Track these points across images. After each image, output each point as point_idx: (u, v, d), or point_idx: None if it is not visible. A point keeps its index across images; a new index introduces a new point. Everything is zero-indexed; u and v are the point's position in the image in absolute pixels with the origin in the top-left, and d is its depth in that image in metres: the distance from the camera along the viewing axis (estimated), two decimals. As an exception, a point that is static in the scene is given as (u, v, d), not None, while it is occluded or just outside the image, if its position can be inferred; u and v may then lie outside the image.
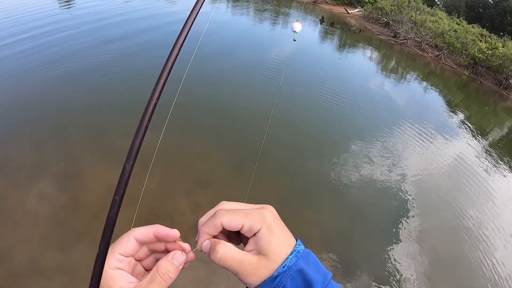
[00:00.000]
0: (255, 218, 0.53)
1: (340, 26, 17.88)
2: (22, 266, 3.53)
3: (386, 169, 6.44)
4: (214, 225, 0.54)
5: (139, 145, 0.39)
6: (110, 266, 0.51)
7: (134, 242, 0.54)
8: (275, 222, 0.54)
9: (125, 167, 0.38)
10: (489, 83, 15.12)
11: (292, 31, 1.66)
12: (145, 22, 11.42)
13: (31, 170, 4.69)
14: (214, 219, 0.54)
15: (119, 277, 0.51)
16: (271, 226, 0.53)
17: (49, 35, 8.90)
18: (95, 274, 0.42)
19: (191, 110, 6.61)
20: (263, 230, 0.52)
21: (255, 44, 11.99)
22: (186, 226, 4.25)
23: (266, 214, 0.54)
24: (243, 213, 0.54)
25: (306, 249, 0.56)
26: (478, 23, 22.04)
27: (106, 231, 0.40)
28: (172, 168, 5.25)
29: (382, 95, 10.30)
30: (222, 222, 0.53)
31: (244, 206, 0.58)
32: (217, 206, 0.58)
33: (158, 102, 0.40)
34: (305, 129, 7.20)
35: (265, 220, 0.53)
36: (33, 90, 6.42)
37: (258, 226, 0.53)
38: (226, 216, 0.54)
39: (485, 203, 6.47)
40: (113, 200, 0.39)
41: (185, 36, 0.41)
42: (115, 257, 0.52)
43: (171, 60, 0.40)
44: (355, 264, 4.49)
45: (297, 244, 0.55)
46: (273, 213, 0.56)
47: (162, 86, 0.39)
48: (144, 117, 0.39)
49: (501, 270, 4.97)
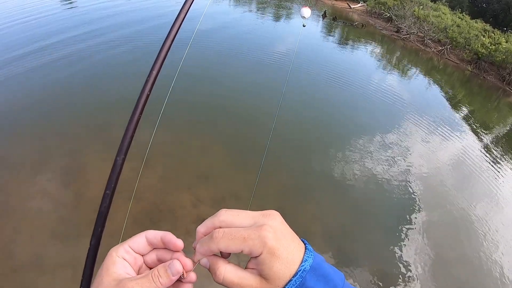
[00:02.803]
0: (254, 243, 0.49)
1: (343, 21, 17.76)
2: (25, 261, 3.55)
3: (389, 164, 6.42)
4: (210, 250, 0.52)
5: (131, 138, 0.38)
6: (117, 253, 0.52)
7: (145, 240, 0.54)
8: (278, 242, 0.50)
9: (116, 161, 0.37)
10: (492, 79, 15.00)
11: (301, 16, 1.62)
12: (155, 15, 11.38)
13: (33, 165, 4.71)
14: (211, 244, 0.51)
15: (120, 264, 0.51)
16: (273, 250, 0.49)
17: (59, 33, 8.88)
18: (86, 268, 0.41)
19: (192, 103, 6.61)
20: (264, 255, 0.49)
21: (258, 37, 11.93)
22: (188, 220, 4.31)
23: (267, 235, 0.49)
24: (241, 238, 0.50)
25: (316, 259, 0.52)
26: (481, 18, 21.81)
27: (97, 226, 0.39)
28: (174, 163, 5.26)
29: (385, 90, 10.24)
30: (219, 248, 0.51)
31: (244, 217, 0.54)
32: (216, 216, 0.55)
33: (150, 94, 0.39)
34: (309, 126, 7.18)
35: (266, 244, 0.49)
36: (33, 84, 6.42)
37: (259, 251, 0.49)
38: (223, 242, 0.50)
39: (489, 198, 6.46)
40: (104, 195, 0.38)
41: (179, 26, 0.40)
42: (125, 248, 0.53)
43: (164, 52, 0.39)
44: (356, 259, 4.50)
45: (304, 258, 0.51)
46: (276, 227, 0.51)
47: (154, 78, 0.38)
48: (135, 109, 0.38)
49: (506, 265, 4.98)
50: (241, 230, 0.51)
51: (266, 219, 0.52)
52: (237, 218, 0.53)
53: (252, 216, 0.54)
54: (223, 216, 0.54)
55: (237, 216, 0.54)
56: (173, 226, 4.23)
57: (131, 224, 4.11)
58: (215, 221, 0.54)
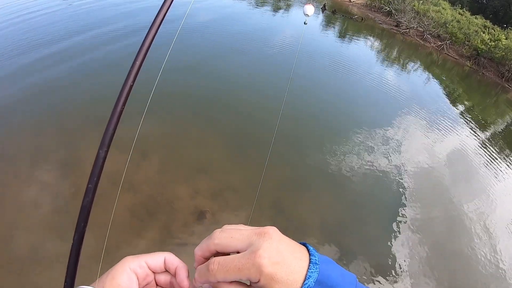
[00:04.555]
0: (250, 272, 0.48)
1: (342, 15, 17.65)
2: (22, 254, 3.55)
3: (386, 158, 6.43)
4: (209, 281, 0.52)
5: (114, 130, 0.36)
6: (130, 265, 0.53)
7: (163, 261, 0.56)
8: (275, 267, 0.47)
9: (98, 154, 0.36)
10: (491, 75, 14.98)
11: (304, 14, 1.59)
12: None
13: (31, 157, 4.69)
14: (209, 276, 0.51)
15: (127, 277, 0.52)
16: (270, 276, 0.47)
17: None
18: (70, 263, 0.40)
19: (192, 95, 6.58)
20: (262, 282, 0.48)
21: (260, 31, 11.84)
22: (186, 212, 4.35)
23: (262, 263, 0.47)
24: (236, 269, 0.49)
25: (321, 271, 0.49)
26: (481, 14, 21.71)
27: (80, 221, 0.38)
28: (171, 155, 5.25)
29: (383, 85, 10.22)
30: (217, 280, 0.51)
31: (239, 238, 0.52)
32: (210, 239, 0.54)
33: (133, 85, 0.37)
34: (310, 122, 7.17)
35: (262, 272, 0.47)
36: (32, 79, 6.37)
37: (256, 278, 0.48)
38: (219, 275, 0.50)
39: (485, 193, 6.50)
40: (87, 189, 0.37)
41: (163, 16, 0.39)
42: (140, 263, 0.54)
43: (147, 42, 0.38)
44: (354, 252, 4.53)
45: (308, 275, 0.49)
46: (272, 249, 0.49)
47: (137, 69, 0.37)
48: (118, 101, 0.37)
49: (500, 260, 5.02)
50: (235, 259, 0.49)
51: (261, 240, 0.50)
52: (232, 241, 0.52)
53: (247, 236, 0.52)
54: (217, 240, 0.53)
55: (231, 239, 0.52)
56: (171, 218, 4.25)
57: (129, 217, 4.12)
58: (210, 244, 0.53)
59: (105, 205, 4.15)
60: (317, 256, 0.52)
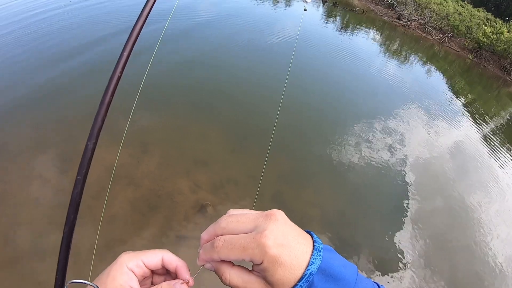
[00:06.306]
0: (254, 253, 0.48)
1: (343, 7, 17.51)
2: (24, 248, 3.57)
3: (388, 150, 6.43)
4: (212, 258, 0.52)
5: (102, 122, 0.36)
6: (128, 264, 0.53)
7: (160, 260, 0.57)
8: (279, 249, 0.48)
9: (87, 146, 0.36)
10: (493, 68, 14.88)
11: (303, 0, 1.56)
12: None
13: (31, 152, 4.70)
14: (212, 253, 0.52)
15: (127, 276, 0.52)
16: (274, 257, 0.47)
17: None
18: (61, 257, 0.40)
19: (191, 87, 6.56)
20: (265, 264, 0.48)
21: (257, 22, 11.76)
22: (187, 206, 4.36)
23: (267, 243, 0.47)
24: (240, 247, 0.49)
25: (325, 259, 0.50)
26: (483, 7, 21.51)
27: (70, 214, 0.38)
28: (172, 149, 5.25)
29: (384, 77, 10.17)
30: (220, 257, 0.51)
31: (245, 221, 0.52)
32: (217, 223, 0.54)
33: (121, 76, 0.37)
34: (309, 113, 7.15)
35: (267, 253, 0.47)
36: (32, 73, 6.35)
37: (259, 260, 0.48)
38: (223, 252, 0.50)
39: (487, 186, 6.50)
40: (76, 180, 0.36)
41: (152, 4, 0.38)
42: (137, 262, 0.54)
43: (135, 32, 0.37)
44: (355, 244, 4.55)
45: (311, 261, 0.49)
46: (277, 231, 0.49)
47: (125, 60, 0.36)
48: (106, 92, 0.36)
49: (501, 253, 5.04)
50: (241, 238, 0.50)
51: (267, 222, 0.50)
52: (238, 225, 0.52)
53: (254, 218, 0.52)
54: (224, 223, 0.53)
55: (237, 223, 0.53)
56: (172, 211, 4.26)
57: (130, 212, 4.13)
58: (216, 228, 0.54)
59: (109, 200, 4.18)
60: (321, 244, 0.52)
